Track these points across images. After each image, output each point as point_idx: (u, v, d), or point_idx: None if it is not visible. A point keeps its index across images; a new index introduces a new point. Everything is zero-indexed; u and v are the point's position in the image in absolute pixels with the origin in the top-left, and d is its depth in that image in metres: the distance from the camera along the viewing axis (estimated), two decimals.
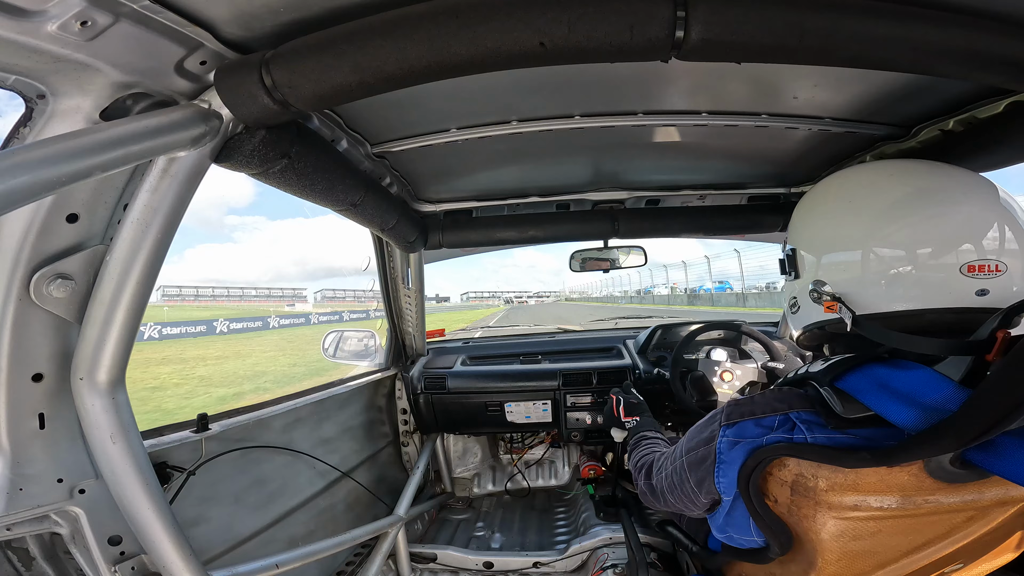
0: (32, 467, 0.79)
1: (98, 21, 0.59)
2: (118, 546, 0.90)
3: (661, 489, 1.13)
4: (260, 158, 0.84)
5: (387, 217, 1.46)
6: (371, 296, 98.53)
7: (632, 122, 1.27)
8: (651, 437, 1.44)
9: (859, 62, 0.71)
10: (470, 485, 2.66)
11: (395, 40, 0.67)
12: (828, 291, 0.90)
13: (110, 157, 0.62)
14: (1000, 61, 0.72)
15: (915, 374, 0.73)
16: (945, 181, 0.86)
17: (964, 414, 0.63)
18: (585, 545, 1.87)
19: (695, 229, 1.96)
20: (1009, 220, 0.81)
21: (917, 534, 0.81)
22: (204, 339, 30.66)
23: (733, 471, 0.89)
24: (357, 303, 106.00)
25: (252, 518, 1.39)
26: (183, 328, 33.00)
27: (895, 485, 0.75)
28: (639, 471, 1.28)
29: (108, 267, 0.78)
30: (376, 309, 2.36)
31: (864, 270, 0.86)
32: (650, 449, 1.34)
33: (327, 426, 1.81)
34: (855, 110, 1.24)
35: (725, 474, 0.91)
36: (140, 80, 0.70)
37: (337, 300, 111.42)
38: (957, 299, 0.80)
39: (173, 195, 0.78)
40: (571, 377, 2.24)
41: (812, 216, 0.99)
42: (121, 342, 0.82)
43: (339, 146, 1.20)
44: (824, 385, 0.81)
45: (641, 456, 1.33)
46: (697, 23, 0.63)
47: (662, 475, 1.13)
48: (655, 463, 1.21)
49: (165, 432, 1.18)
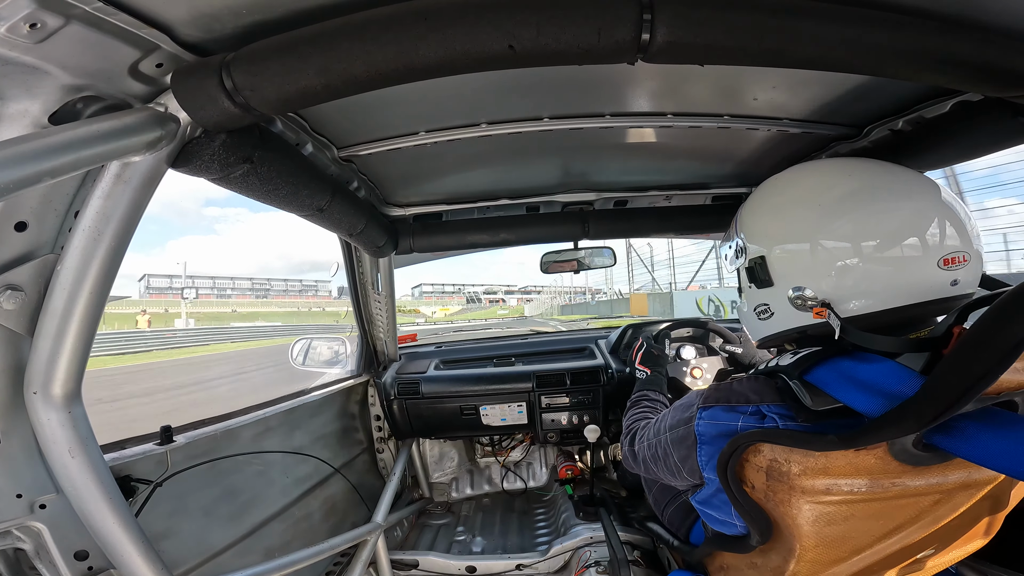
0: None
1: (48, 23, 0.58)
2: (85, 561, 0.88)
3: (644, 457, 1.16)
4: (220, 163, 0.82)
5: (355, 222, 1.44)
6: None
7: (600, 124, 1.29)
8: (651, 399, 1.46)
9: (815, 64, 0.74)
10: (448, 489, 2.65)
11: (362, 42, 0.66)
12: (812, 297, 0.88)
13: (60, 162, 0.60)
14: (946, 62, 0.76)
15: (879, 367, 0.76)
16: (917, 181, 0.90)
17: (921, 397, 0.66)
18: (567, 545, 1.88)
19: (662, 229, 2.00)
20: (961, 215, 0.86)
21: (887, 518, 0.84)
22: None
23: (713, 456, 0.93)
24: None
25: (225, 529, 1.35)
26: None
27: (863, 468, 0.78)
28: (627, 434, 1.31)
29: (60, 277, 0.76)
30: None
31: (852, 273, 0.85)
32: (643, 415, 1.36)
33: (299, 435, 1.77)
34: (811, 111, 1.29)
35: (707, 456, 0.94)
36: (92, 83, 0.68)
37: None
38: (936, 291, 0.83)
39: (127, 201, 0.75)
40: (545, 378, 2.26)
41: (784, 222, 0.96)
42: (75, 354, 0.79)
43: (304, 150, 1.18)
44: (794, 378, 0.84)
45: (632, 419, 1.36)
46: (662, 26, 0.65)
47: (644, 444, 1.17)
48: (640, 431, 1.24)
49: (127, 445, 1.14)
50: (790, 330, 0.96)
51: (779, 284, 0.94)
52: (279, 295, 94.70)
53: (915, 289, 0.83)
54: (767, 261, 0.95)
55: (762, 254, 0.96)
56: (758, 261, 0.97)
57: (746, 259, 1.00)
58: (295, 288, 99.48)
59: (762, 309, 1.00)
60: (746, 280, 1.02)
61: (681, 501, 1.41)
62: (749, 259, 0.99)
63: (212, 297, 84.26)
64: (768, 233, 0.97)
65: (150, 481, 1.10)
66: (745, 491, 0.90)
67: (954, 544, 0.94)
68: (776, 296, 0.95)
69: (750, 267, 0.99)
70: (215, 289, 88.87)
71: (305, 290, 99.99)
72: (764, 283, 0.96)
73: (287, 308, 78.70)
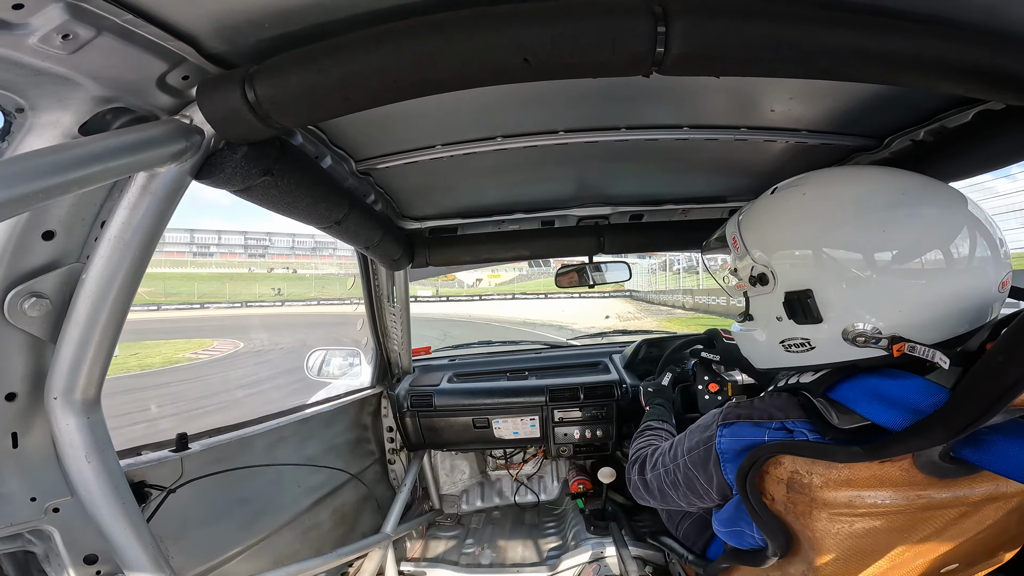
0: (4, 486, 0.78)
1: (80, 35, 0.59)
2: (94, 565, 0.89)
3: (658, 486, 1.13)
4: (242, 175, 0.83)
5: (371, 234, 1.46)
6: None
7: (615, 137, 1.29)
8: (654, 428, 1.40)
9: (832, 74, 0.74)
10: (459, 502, 2.62)
11: (380, 56, 0.67)
12: (876, 332, 0.80)
13: (89, 173, 0.61)
14: (967, 71, 0.74)
15: (909, 383, 0.75)
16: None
17: (950, 408, 0.65)
18: (576, 560, 1.85)
19: (679, 244, 1.99)
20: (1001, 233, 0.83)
21: (911, 532, 0.82)
22: None
23: (734, 469, 0.90)
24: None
25: (235, 536, 1.36)
26: None
27: (887, 480, 0.76)
28: (633, 463, 1.26)
29: (84, 285, 0.77)
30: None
31: (926, 305, 0.78)
32: (647, 442, 1.31)
33: (311, 444, 1.78)
34: (830, 122, 1.27)
35: (732, 471, 0.92)
36: (121, 94, 0.70)
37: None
38: (989, 314, 0.81)
39: (152, 212, 0.77)
40: (558, 393, 2.24)
41: (841, 251, 0.83)
42: (97, 361, 0.80)
43: (323, 163, 1.20)
44: (818, 396, 0.82)
45: (637, 448, 1.31)
46: (677, 38, 0.65)
47: (659, 472, 1.13)
48: (649, 458, 1.20)
49: (142, 451, 1.16)
50: (832, 363, 0.86)
51: (831, 320, 0.83)
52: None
53: (976, 313, 0.79)
54: (815, 295, 0.84)
55: (807, 288, 0.84)
56: (800, 295, 0.85)
57: (777, 289, 0.89)
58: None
59: (797, 344, 0.89)
60: (776, 312, 0.90)
61: (697, 515, 1.38)
62: (785, 292, 0.88)
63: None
64: (816, 260, 0.84)
65: (163, 487, 1.11)
66: (764, 503, 0.88)
67: (978, 559, 0.91)
68: (824, 331, 0.84)
69: (788, 301, 0.87)
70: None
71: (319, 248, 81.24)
72: (809, 319, 0.85)
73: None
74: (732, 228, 1.03)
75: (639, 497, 1.22)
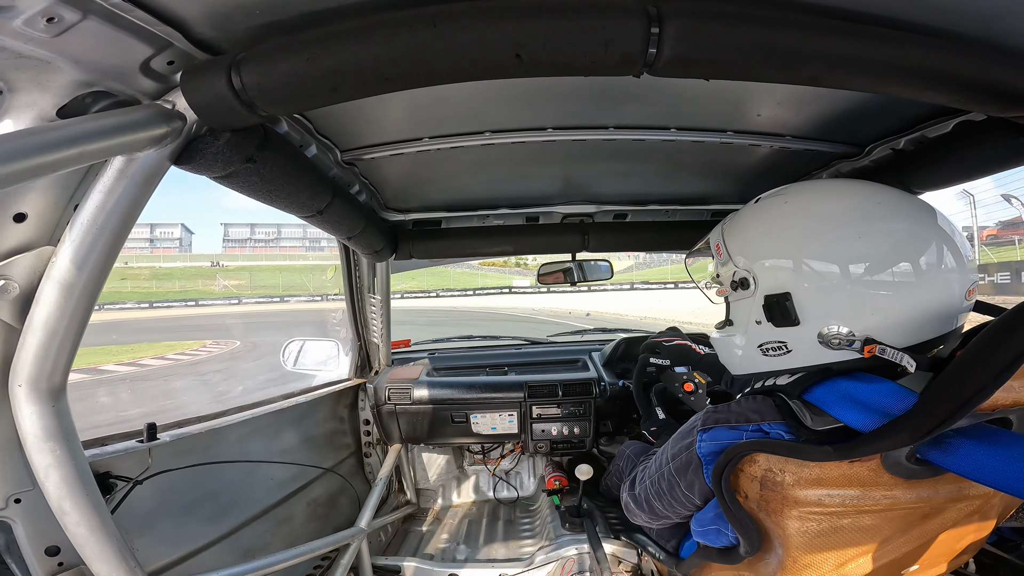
0: None
1: (65, 18, 0.57)
2: (56, 556, 0.87)
3: (646, 496, 1.15)
4: (224, 161, 0.81)
5: (353, 225, 1.44)
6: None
7: (603, 136, 1.30)
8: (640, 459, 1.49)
9: (820, 81, 0.75)
10: (435, 496, 2.63)
11: (371, 47, 0.66)
12: (849, 335, 0.83)
13: (64, 156, 0.59)
14: (950, 81, 0.76)
15: (880, 387, 0.77)
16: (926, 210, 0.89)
17: (918, 410, 0.68)
18: (551, 556, 1.87)
19: (662, 244, 2.02)
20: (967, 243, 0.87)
21: (876, 531, 0.85)
22: None
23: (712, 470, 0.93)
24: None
25: (204, 529, 1.33)
26: None
27: (856, 480, 0.79)
28: (624, 483, 1.31)
29: (54, 269, 0.75)
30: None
31: (897, 309, 0.82)
32: (631, 466, 1.38)
33: (286, 436, 1.75)
34: (813, 128, 1.30)
35: (710, 473, 0.94)
36: (102, 78, 0.67)
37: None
38: (955, 322, 0.84)
39: (128, 197, 0.75)
40: (537, 389, 2.26)
41: (816, 256, 0.87)
42: (63, 349, 0.78)
43: (307, 152, 1.18)
44: (794, 398, 0.85)
45: (632, 468, 1.36)
46: (669, 40, 0.66)
47: (646, 484, 1.15)
48: (639, 474, 1.23)
49: (109, 441, 1.13)
50: (808, 367, 0.89)
51: (808, 323, 0.86)
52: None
53: (943, 321, 0.83)
54: (793, 298, 0.87)
55: (786, 291, 0.88)
56: (779, 298, 0.88)
57: (757, 293, 0.92)
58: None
59: (774, 347, 0.91)
60: (756, 315, 0.93)
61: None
62: (765, 295, 0.90)
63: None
64: (795, 267, 0.88)
65: (130, 478, 1.08)
66: (739, 501, 0.90)
67: (939, 561, 0.95)
68: (800, 334, 0.88)
69: (767, 304, 0.90)
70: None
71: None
72: (787, 322, 0.88)
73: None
74: (716, 235, 1.05)
75: (630, 514, 1.24)
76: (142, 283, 54.74)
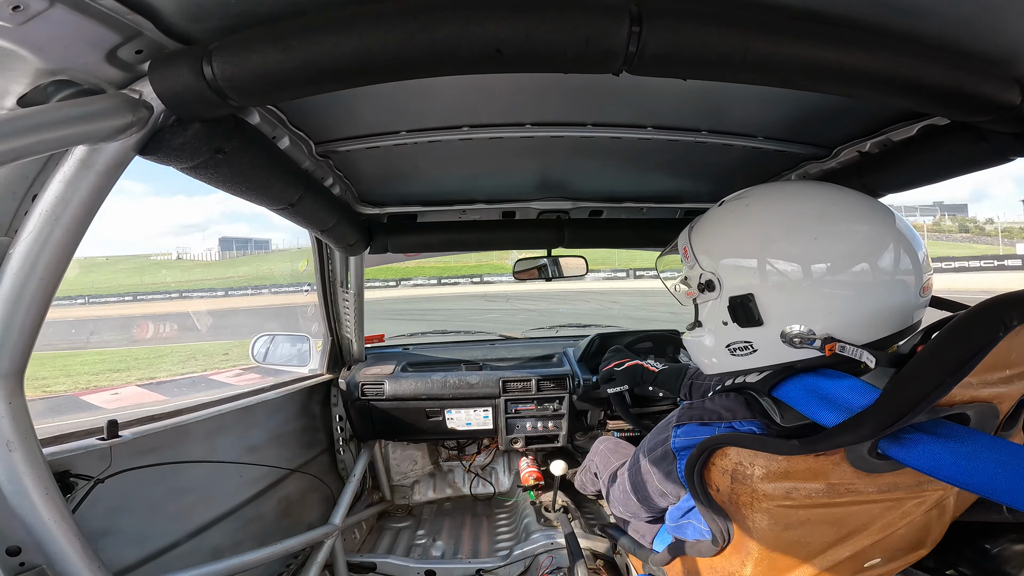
0: None
1: (31, 6, 0.54)
2: (17, 556, 0.85)
3: (624, 489, 1.17)
4: (191, 152, 0.79)
5: (327, 218, 1.41)
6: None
7: (581, 133, 1.31)
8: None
9: (793, 83, 0.77)
10: (410, 492, 2.61)
11: (349, 39, 0.65)
12: (809, 334, 0.85)
13: (21, 144, 0.57)
14: (916, 86, 0.78)
15: (845, 383, 0.80)
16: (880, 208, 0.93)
17: (879, 405, 0.70)
18: (527, 551, 1.89)
19: (636, 241, 2.04)
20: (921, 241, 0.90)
21: (840, 524, 0.88)
22: None
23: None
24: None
25: (171, 528, 1.30)
26: None
27: (820, 473, 0.81)
28: (607, 479, 1.34)
29: (10, 261, 0.72)
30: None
31: (853, 308, 0.84)
32: (605, 462, 1.42)
33: (255, 433, 1.72)
34: (784, 130, 1.33)
35: (683, 468, 0.96)
36: (66, 67, 0.64)
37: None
38: (912, 318, 0.88)
39: (89, 187, 0.72)
40: (512, 385, 2.26)
41: (778, 258, 0.89)
42: (19, 343, 0.76)
43: (280, 143, 1.15)
44: (763, 395, 0.87)
45: (617, 466, 1.40)
46: (650, 39, 0.66)
47: (625, 475, 1.18)
48: (619, 468, 1.27)
49: (69, 439, 1.09)
50: (774, 366, 0.91)
51: (771, 323, 0.89)
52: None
53: (900, 318, 0.86)
54: (756, 299, 0.89)
55: (749, 292, 0.90)
56: (743, 299, 0.91)
57: (722, 295, 0.94)
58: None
59: (740, 346, 0.94)
60: (722, 316, 0.95)
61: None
62: (730, 296, 0.93)
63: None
64: (758, 269, 0.90)
65: (91, 477, 1.05)
66: (710, 494, 0.92)
67: (899, 555, 0.99)
68: (764, 334, 0.90)
69: (732, 306, 0.92)
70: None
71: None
72: (751, 322, 0.90)
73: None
74: (683, 239, 1.07)
75: (613, 508, 1.27)
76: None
